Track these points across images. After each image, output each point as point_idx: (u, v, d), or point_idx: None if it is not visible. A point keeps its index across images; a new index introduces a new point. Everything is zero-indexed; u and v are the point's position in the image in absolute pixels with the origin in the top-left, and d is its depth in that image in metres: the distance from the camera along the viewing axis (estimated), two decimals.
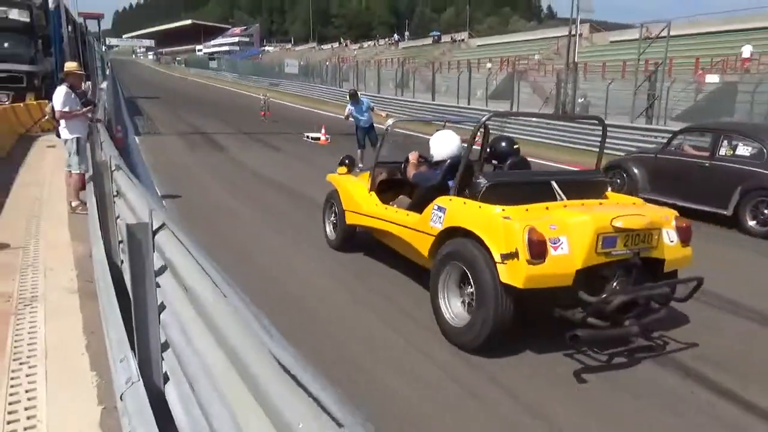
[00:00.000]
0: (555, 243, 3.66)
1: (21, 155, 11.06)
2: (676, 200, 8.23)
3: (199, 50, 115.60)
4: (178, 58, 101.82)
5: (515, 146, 5.08)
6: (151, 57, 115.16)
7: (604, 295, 3.72)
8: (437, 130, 5.37)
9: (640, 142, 14.67)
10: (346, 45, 73.71)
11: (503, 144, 5.08)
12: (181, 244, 2.31)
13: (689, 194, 8.16)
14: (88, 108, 8.01)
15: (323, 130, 15.78)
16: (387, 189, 5.66)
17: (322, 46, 77.55)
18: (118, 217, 4.15)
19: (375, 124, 11.46)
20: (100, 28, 33.37)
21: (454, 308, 4.09)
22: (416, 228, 4.58)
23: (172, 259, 2.36)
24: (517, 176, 4.76)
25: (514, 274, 3.61)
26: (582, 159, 11.32)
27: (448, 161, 4.80)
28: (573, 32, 21.55)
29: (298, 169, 11.25)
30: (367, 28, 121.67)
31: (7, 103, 15.27)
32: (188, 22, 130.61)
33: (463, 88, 24.18)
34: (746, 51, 22.00)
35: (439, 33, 60.28)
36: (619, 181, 9.28)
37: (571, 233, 3.72)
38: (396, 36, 68.83)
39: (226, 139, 15.47)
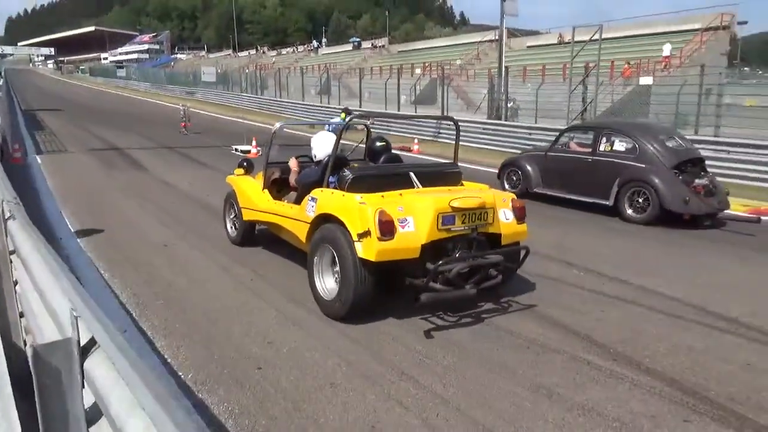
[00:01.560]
0: (402, 222, 4.29)
1: None
2: (565, 194, 9.11)
3: (105, 58, 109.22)
4: (81, 67, 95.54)
5: (385, 144, 5.73)
6: (51, 66, 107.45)
7: (440, 262, 4.26)
8: (317, 132, 5.88)
9: None
10: (264, 52, 71.65)
11: (377, 143, 5.75)
12: (122, 375, 1.34)
13: (576, 188, 8.91)
14: None
15: (254, 142, 14.62)
16: (281, 187, 6.15)
17: (238, 53, 74.99)
18: (17, 283, 3.02)
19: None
20: None
21: (327, 285, 4.63)
22: (296, 218, 5.17)
23: (113, 405, 1.37)
24: (379, 169, 5.32)
25: (368, 250, 4.19)
26: None
27: (326, 159, 5.15)
28: (498, 37, 21.54)
29: None
30: (283, 35, 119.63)
31: None
32: (91, 28, 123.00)
33: (389, 94, 23.63)
34: (666, 50, 22.84)
35: (359, 39, 59.71)
36: (515, 177, 9.96)
37: (416, 214, 4.34)
38: (315, 42, 67.55)
39: (147, 156, 13.92)
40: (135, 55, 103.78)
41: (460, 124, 6.11)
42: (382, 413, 3.23)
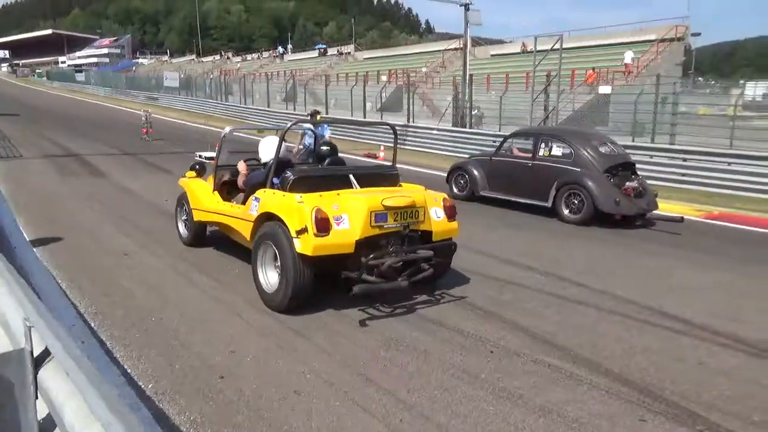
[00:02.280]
0: (337, 220, 4.61)
1: None
2: (509, 196, 9.60)
3: (63, 62, 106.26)
4: (38, 71, 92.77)
5: (331, 148, 5.96)
6: (5, 69, 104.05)
7: (371, 256, 4.62)
8: (264, 136, 6.17)
9: None
10: (228, 57, 70.87)
11: (323, 148, 6.01)
12: (77, 385, 1.31)
13: (518, 190, 9.40)
14: None
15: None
16: (231, 189, 6.33)
17: (202, 59, 74.01)
18: None
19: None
20: None
21: (270, 279, 4.89)
22: (241, 217, 5.46)
23: (67, 417, 1.34)
24: (320, 171, 5.59)
25: (305, 245, 4.52)
26: None
27: (270, 161, 5.41)
28: (463, 45, 21.92)
29: None
30: (248, 41, 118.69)
31: None
32: (48, 31, 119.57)
33: (355, 101, 23.73)
34: (627, 57, 23.52)
35: (325, 46, 59.66)
36: (462, 181, 10.43)
37: (351, 212, 4.66)
38: (281, 48, 67.13)
39: (106, 162, 13.60)
40: (95, 59, 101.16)
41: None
42: (347, 420, 3.24)
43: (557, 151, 9.11)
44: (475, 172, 10.15)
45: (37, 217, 8.05)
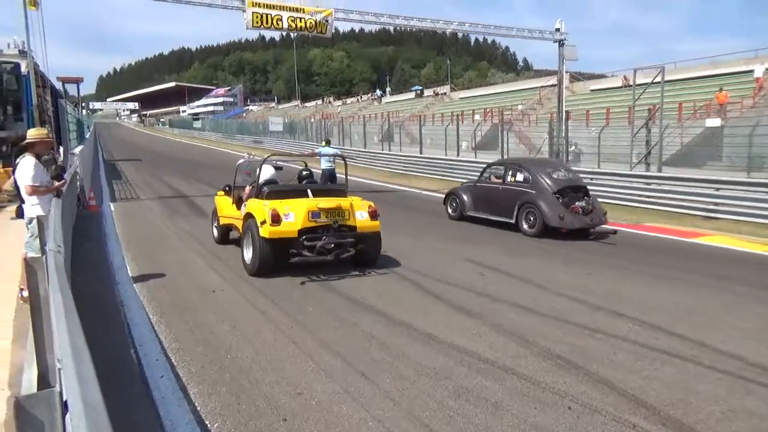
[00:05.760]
0: (286, 216, 7.12)
1: None
2: (488, 215, 11.53)
3: (183, 111, 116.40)
4: (162, 120, 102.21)
5: (309, 173, 9.01)
6: (135, 119, 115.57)
7: (304, 238, 7.13)
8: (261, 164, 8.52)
9: (640, 191, 14.15)
10: (330, 102, 74.27)
11: (303, 172, 9.01)
12: None
13: (493, 210, 11.39)
14: (62, 182, 7.14)
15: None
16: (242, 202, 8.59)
17: (305, 104, 78.02)
18: None
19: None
20: (79, 92, 32.99)
21: (248, 255, 7.42)
22: (238, 217, 8.23)
23: None
24: (286, 187, 8.29)
25: (265, 231, 7.07)
26: None
27: (263, 182, 8.13)
28: (558, 82, 21.46)
29: None
30: (348, 85, 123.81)
31: None
32: (172, 84, 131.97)
33: (449, 140, 23.84)
34: (758, 71, 21.79)
35: (421, 87, 60.82)
36: (454, 204, 12.46)
37: (295, 211, 7.19)
38: (378, 92, 69.37)
39: (210, 203, 14.45)
40: (211, 108, 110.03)
41: None
42: None
43: (520, 177, 11.05)
44: (464, 196, 12.15)
45: (141, 254, 8.68)
